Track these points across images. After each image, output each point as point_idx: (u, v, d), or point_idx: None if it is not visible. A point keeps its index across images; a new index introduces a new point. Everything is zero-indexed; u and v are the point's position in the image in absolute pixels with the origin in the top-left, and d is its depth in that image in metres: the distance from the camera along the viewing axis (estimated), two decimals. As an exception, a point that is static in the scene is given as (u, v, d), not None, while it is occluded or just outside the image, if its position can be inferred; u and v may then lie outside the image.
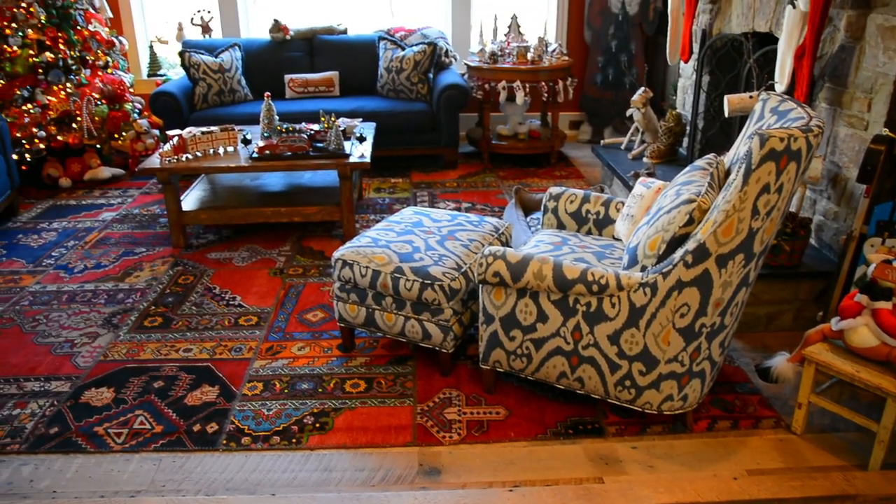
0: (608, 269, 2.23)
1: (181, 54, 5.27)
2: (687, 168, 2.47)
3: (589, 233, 3.02)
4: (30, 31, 4.77)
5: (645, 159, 4.53)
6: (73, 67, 5.01)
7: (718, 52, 4.12)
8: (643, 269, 2.24)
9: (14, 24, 4.72)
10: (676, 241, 2.16)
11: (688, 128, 4.48)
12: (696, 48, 4.30)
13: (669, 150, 4.50)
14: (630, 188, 4.09)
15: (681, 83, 4.74)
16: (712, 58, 4.16)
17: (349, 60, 5.67)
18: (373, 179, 5.19)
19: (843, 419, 2.42)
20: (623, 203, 2.96)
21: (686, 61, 4.35)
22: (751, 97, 3.35)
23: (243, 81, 5.49)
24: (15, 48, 4.74)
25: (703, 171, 2.37)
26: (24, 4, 4.73)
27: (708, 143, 4.29)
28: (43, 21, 4.80)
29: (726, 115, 3.43)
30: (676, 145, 4.55)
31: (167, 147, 3.89)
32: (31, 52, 4.79)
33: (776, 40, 3.29)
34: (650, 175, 4.08)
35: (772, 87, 3.29)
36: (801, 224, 2.94)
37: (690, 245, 2.07)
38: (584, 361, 2.33)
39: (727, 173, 2.39)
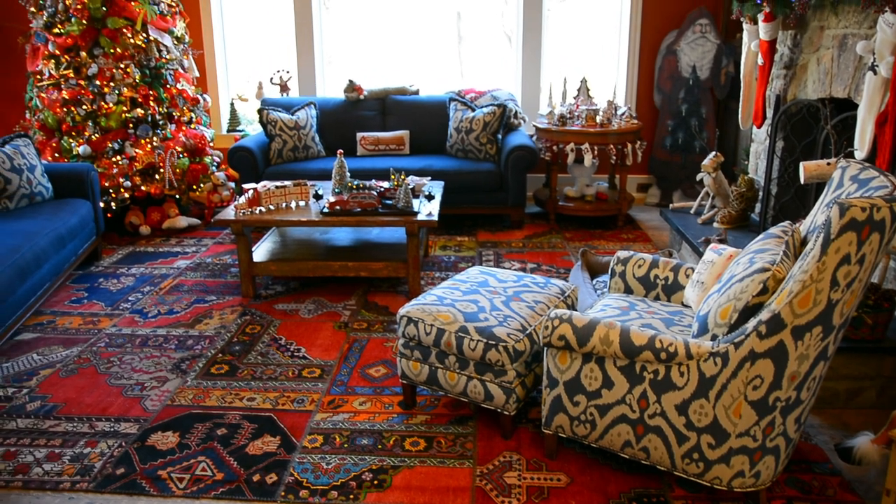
0: (677, 337, 2.18)
1: (260, 111, 5.52)
2: (760, 235, 2.41)
3: (657, 298, 2.96)
4: (125, 89, 5.09)
5: (715, 224, 4.44)
6: (161, 122, 5.29)
7: (793, 117, 4.05)
8: (714, 338, 2.18)
9: (112, 83, 5.04)
10: (749, 311, 2.10)
11: (760, 193, 4.38)
12: (769, 113, 4.24)
13: (741, 216, 4.41)
14: (700, 254, 4.01)
15: (753, 148, 4.67)
16: (787, 123, 4.09)
17: (420, 120, 5.81)
18: (439, 237, 5.24)
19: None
20: (693, 269, 2.90)
21: (759, 126, 4.29)
22: (828, 164, 3.26)
23: (317, 138, 5.68)
24: (111, 105, 5.05)
25: (777, 238, 2.31)
26: (122, 65, 5.05)
27: (782, 209, 4.19)
28: (137, 80, 5.11)
29: (802, 181, 3.35)
30: (748, 211, 4.45)
31: (242, 200, 4.04)
32: (124, 108, 5.10)
33: (855, 106, 3.22)
34: (721, 241, 3.99)
35: (851, 155, 3.21)
36: (885, 296, 2.81)
37: (764, 315, 2.01)
38: (650, 431, 2.26)
39: (803, 242, 2.32)
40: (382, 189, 4.13)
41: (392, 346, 3.49)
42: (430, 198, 4.15)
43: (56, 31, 5.03)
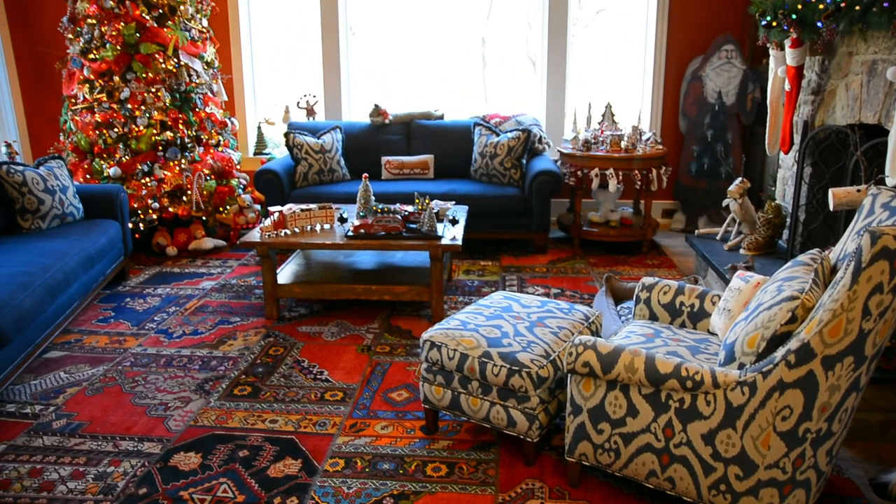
0: (703, 365, 2.15)
1: (286, 135, 5.59)
2: (789, 263, 2.38)
3: (683, 325, 2.92)
4: (155, 112, 5.19)
5: (742, 251, 4.39)
6: (189, 145, 5.38)
7: (821, 143, 4.01)
8: (741, 366, 2.14)
9: (143, 107, 5.14)
10: (777, 340, 2.06)
11: (788, 220, 4.33)
12: (797, 139, 4.21)
13: (768, 243, 4.36)
14: (726, 281, 3.96)
15: (780, 174, 4.62)
16: (815, 149, 4.05)
17: (444, 144, 5.85)
18: (462, 261, 5.24)
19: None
20: (719, 296, 2.86)
21: (786, 152, 4.26)
22: (858, 191, 3.22)
23: (342, 162, 5.73)
24: (141, 128, 5.15)
25: (806, 266, 2.27)
26: (153, 89, 5.16)
27: (810, 236, 4.13)
28: (167, 104, 5.21)
29: (831, 208, 3.31)
30: (775, 237, 4.40)
31: (267, 222, 4.08)
32: (154, 131, 5.19)
33: (885, 132, 3.18)
34: (748, 268, 3.94)
35: (882, 182, 3.16)
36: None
37: (793, 344, 1.97)
38: (676, 461, 2.22)
39: (833, 270, 2.28)
40: (407, 213, 4.15)
41: (415, 371, 3.48)
42: (454, 222, 4.16)
43: (91, 56, 5.16)
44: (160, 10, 5.20)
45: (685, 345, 2.60)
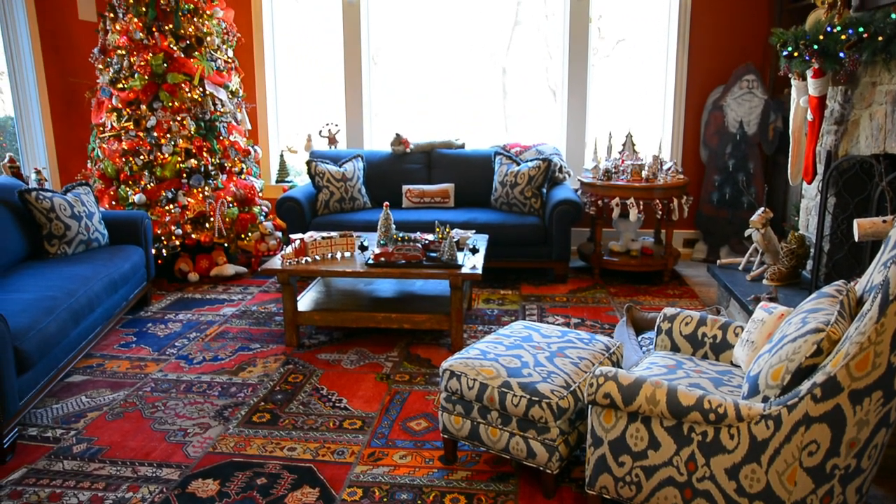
0: (726, 398, 2.11)
1: (308, 163, 5.65)
2: (813, 294, 2.35)
3: (705, 357, 2.89)
4: (181, 140, 5.28)
5: (765, 281, 4.35)
6: (213, 173, 5.45)
7: (845, 173, 3.98)
8: (765, 399, 2.11)
9: (169, 135, 5.24)
10: (802, 373, 2.03)
11: (812, 250, 4.28)
12: (820, 169, 4.18)
13: (791, 273, 4.31)
14: (749, 312, 3.91)
15: (804, 204, 4.58)
16: (838, 179, 4.02)
17: (465, 173, 5.88)
18: (482, 290, 5.23)
19: None
20: (742, 327, 2.83)
21: (809, 182, 4.22)
22: (884, 221, 3.18)
23: (363, 190, 5.78)
24: (166, 155, 5.24)
25: (831, 298, 2.24)
26: (179, 118, 5.26)
27: (835, 267, 4.08)
28: (192, 132, 5.31)
29: (856, 239, 3.27)
30: (799, 268, 4.35)
31: (289, 250, 4.11)
32: (179, 158, 5.28)
33: (910, 165, 3.15)
34: (772, 299, 3.90)
35: (907, 213, 3.12)
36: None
37: (819, 378, 1.94)
38: (699, 495, 2.18)
39: (860, 302, 2.25)
40: (427, 241, 4.16)
41: (434, 400, 3.46)
42: (474, 251, 4.16)
43: (120, 86, 5.27)
44: (188, 42, 5.32)
45: (708, 377, 2.56)
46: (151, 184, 5.26)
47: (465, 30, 6.40)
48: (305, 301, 4.32)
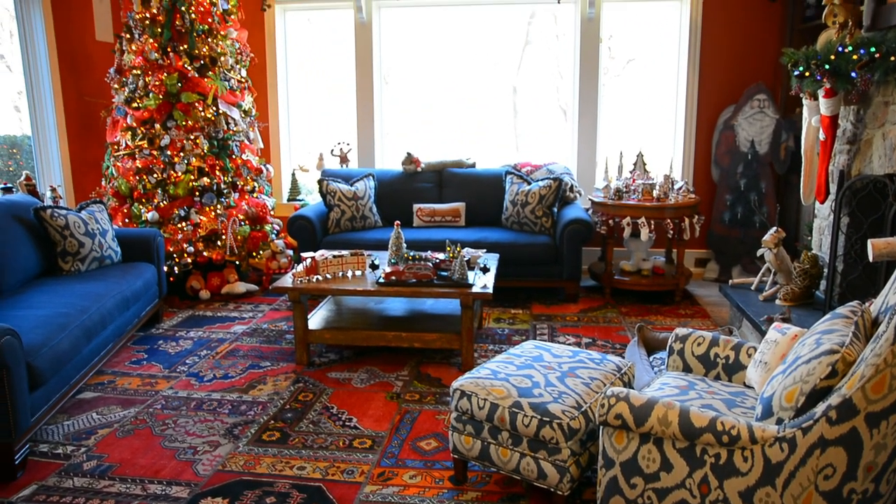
0: (740, 420, 2.09)
1: (320, 182, 5.68)
2: (827, 315, 2.33)
3: (717, 378, 2.86)
4: (194, 159, 5.32)
5: (778, 301, 4.31)
6: (225, 191, 5.49)
7: (858, 192, 3.96)
8: (779, 421, 2.08)
9: (182, 153, 5.29)
10: (817, 395, 2.00)
11: (825, 270, 4.25)
12: (833, 189, 4.16)
13: (804, 293, 4.28)
14: (762, 332, 3.88)
15: (816, 224, 4.56)
16: (852, 199, 4.00)
17: (476, 192, 5.89)
18: (493, 309, 5.22)
19: None
20: (755, 348, 2.80)
21: (822, 202, 4.20)
22: (898, 242, 3.15)
23: (374, 209, 5.80)
24: (179, 174, 5.29)
25: (846, 319, 2.22)
26: (192, 137, 5.31)
27: (849, 287, 4.04)
28: (205, 150, 5.35)
29: (870, 259, 3.24)
30: (812, 288, 4.31)
31: (300, 268, 4.12)
32: (191, 177, 5.32)
33: (924, 185, 3.13)
34: (785, 320, 3.86)
35: (921, 234, 3.10)
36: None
37: (834, 400, 1.91)
38: (713, 519, 2.15)
39: (875, 323, 2.23)
40: (438, 260, 4.17)
41: (444, 419, 3.45)
42: (485, 270, 4.16)
43: (135, 105, 5.34)
44: (202, 61, 5.38)
45: (720, 398, 2.53)
46: (164, 202, 5.31)
47: (477, 49, 6.44)
48: (316, 319, 4.33)
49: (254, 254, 5.64)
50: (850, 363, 1.98)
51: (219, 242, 5.40)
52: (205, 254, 5.33)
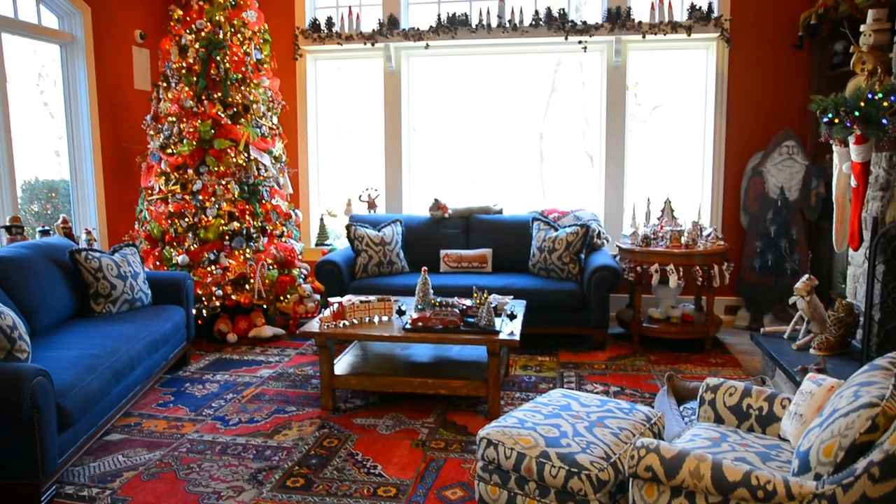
0: (776, 474, 2.03)
1: (348, 227, 5.73)
2: (865, 366, 2.27)
3: (751, 430, 2.79)
4: (224, 203, 5.42)
5: (812, 351, 4.22)
6: (254, 235, 5.57)
7: (894, 240, 3.89)
8: (817, 477, 2.01)
9: (213, 198, 5.39)
10: (857, 450, 1.94)
11: (861, 319, 4.16)
12: (867, 236, 4.09)
13: (840, 343, 4.18)
14: (796, 383, 3.79)
15: (850, 271, 4.48)
16: (887, 246, 3.92)
17: (503, 239, 5.89)
18: (520, 356, 5.17)
19: None
20: (789, 399, 2.73)
21: (855, 249, 4.13)
22: (935, 292, 3.08)
23: (402, 254, 5.82)
24: (210, 218, 5.37)
25: (885, 371, 2.16)
26: (223, 182, 5.41)
27: (887, 337, 3.94)
28: (236, 195, 5.45)
29: (907, 309, 3.17)
30: (848, 337, 4.21)
31: (327, 313, 4.13)
32: (222, 221, 5.41)
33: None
34: (820, 370, 3.77)
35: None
36: None
37: (876, 456, 1.85)
38: (750, 579, 2.06)
39: (915, 376, 2.16)
40: (465, 307, 4.15)
41: (470, 468, 3.39)
42: (512, 317, 4.14)
43: (169, 151, 5.47)
44: (235, 109, 5.52)
45: (754, 450, 2.47)
46: (195, 245, 5.38)
47: (504, 97, 6.53)
48: (342, 364, 4.32)
49: (281, 298, 5.67)
50: (892, 417, 1.92)
51: (247, 286, 5.45)
52: (233, 297, 5.37)
